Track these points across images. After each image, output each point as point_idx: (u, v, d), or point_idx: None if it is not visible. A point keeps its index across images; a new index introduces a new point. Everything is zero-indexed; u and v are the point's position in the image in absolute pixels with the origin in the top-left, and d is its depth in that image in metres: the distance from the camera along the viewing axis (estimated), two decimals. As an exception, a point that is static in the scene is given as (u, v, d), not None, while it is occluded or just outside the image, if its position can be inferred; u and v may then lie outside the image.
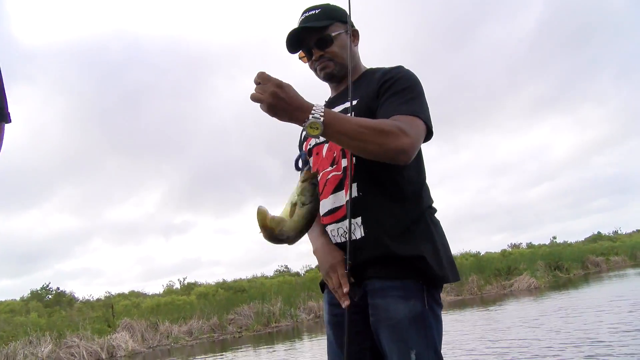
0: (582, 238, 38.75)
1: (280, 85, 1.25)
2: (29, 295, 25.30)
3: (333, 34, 1.59)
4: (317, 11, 1.61)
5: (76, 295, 26.23)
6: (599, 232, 40.36)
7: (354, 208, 1.48)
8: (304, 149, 1.67)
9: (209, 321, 13.70)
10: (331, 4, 1.67)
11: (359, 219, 1.48)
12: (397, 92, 1.47)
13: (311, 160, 1.65)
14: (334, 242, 1.56)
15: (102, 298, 24.66)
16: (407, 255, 1.44)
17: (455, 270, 1.55)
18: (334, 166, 1.55)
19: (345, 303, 1.43)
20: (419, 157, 1.56)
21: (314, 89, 1.67)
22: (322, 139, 1.50)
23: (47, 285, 26.40)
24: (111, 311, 13.50)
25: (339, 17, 1.62)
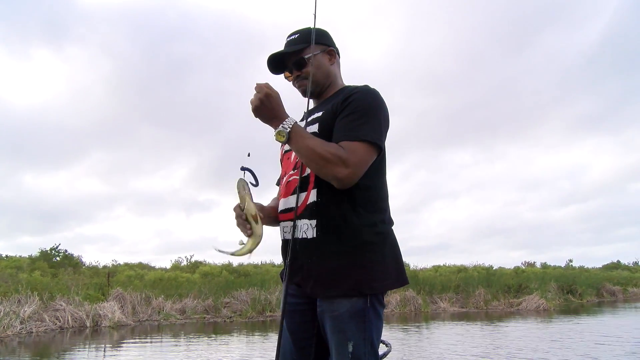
0: (599, 264, 37.45)
1: (268, 95, 1.57)
2: (38, 254, 25.49)
3: (306, 56, 1.79)
4: (296, 36, 1.83)
5: (83, 260, 26.38)
6: (618, 261, 38.93)
7: (311, 211, 1.64)
8: (280, 150, 1.91)
9: (204, 302, 13.44)
10: (311, 26, 1.83)
11: (314, 221, 1.63)
12: (350, 114, 1.61)
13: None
14: (282, 237, 1.78)
15: (109, 265, 24.72)
16: (351, 266, 1.58)
17: (402, 277, 1.67)
18: (295, 170, 1.72)
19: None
20: (381, 169, 1.70)
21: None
22: None
23: (57, 247, 26.57)
24: (106, 280, 13.33)
25: (316, 39, 1.79)
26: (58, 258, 26.17)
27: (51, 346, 8.38)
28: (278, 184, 1.94)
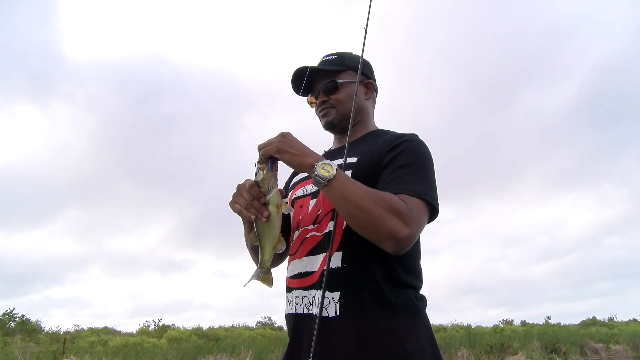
0: (577, 321, 37.02)
1: (286, 133, 1.33)
2: (-10, 320, 23.60)
3: (340, 81, 1.54)
4: (333, 57, 1.59)
5: (42, 325, 24.55)
6: (594, 317, 38.64)
7: (334, 280, 1.32)
8: (288, 197, 1.57)
9: (168, 370, 12.35)
10: (353, 53, 1.61)
11: (336, 294, 1.33)
12: (406, 165, 1.35)
13: (292, 212, 1.54)
14: (291, 311, 1.42)
15: (72, 331, 23.10)
16: (383, 356, 1.27)
17: None
18: (316, 225, 1.42)
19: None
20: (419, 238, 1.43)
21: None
22: (309, 191, 1.47)
23: (11, 311, 24.72)
24: (62, 347, 12.18)
25: (355, 66, 1.54)
26: (13, 324, 24.34)
27: None
28: None
